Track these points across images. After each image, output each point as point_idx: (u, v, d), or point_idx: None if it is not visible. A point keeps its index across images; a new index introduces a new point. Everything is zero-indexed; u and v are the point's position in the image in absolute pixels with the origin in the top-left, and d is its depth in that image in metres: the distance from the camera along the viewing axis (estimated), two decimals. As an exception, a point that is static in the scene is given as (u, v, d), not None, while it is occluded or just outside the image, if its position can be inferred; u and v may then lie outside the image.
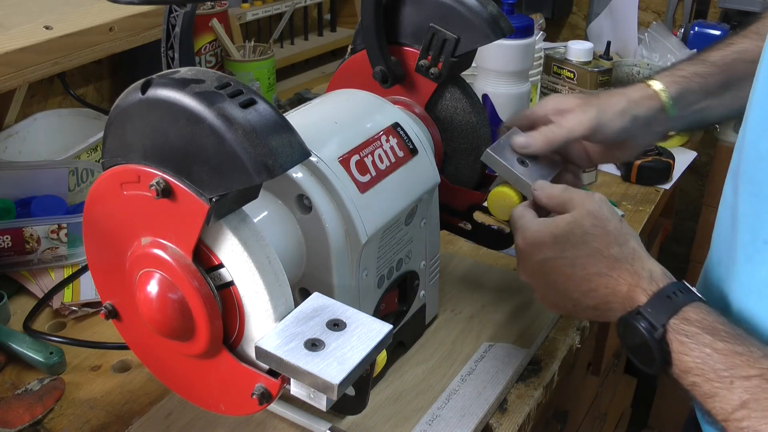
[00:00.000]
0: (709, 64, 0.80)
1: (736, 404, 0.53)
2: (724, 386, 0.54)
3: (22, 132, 1.12)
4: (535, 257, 0.67)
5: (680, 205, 1.99)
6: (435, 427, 0.72)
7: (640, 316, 0.59)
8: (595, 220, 0.65)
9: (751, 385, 0.53)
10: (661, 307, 0.59)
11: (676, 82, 0.80)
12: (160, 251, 0.55)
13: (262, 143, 0.49)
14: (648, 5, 1.89)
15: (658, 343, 0.58)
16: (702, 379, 0.56)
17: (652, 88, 0.79)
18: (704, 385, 0.56)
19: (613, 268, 0.63)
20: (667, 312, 0.59)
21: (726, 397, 0.54)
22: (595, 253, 0.64)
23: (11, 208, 0.98)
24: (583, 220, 0.66)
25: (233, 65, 1.36)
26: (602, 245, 0.64)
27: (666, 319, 0.58)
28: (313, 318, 0.55)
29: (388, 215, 0.69)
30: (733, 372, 0.54)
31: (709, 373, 0.55)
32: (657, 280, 0.61)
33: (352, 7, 1.74)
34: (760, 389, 0.53)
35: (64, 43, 1.03)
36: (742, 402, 0.53)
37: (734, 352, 0.55)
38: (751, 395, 0.53)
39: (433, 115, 0.83)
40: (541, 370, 0.81)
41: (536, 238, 0.67)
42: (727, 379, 0.54)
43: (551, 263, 0.66)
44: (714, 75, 0.80)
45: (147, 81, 0.52)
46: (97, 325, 0.87)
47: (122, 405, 0.76)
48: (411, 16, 0.80)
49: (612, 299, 0.63)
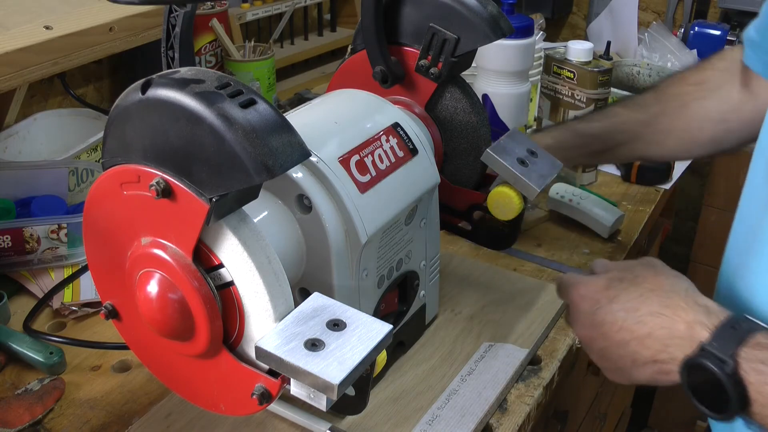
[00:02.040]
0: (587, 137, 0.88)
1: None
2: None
3: (22, 132, 1.12)
4: (589, 307, 0.65)
5: (680, 205, 1.99)
6: (435, 427, 0.72)
7: (705, 352, 0.54)
8: (647, 265, 0.65)
9: None
10: (728, 339, 0.54)
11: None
12: (160, 251, 0.55)
13: (262, 143, 0.49)
14: (648, 5, 1.89)
15: (731, 378, 0.52)
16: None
17: None
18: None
19: (667, 306, 0.59)
20: (734, 342, 0.54)
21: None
22: (646, 293, 0.61)
23: (11, 208, 0.98)
24: (634, 266, 0.65)
25: (233, 65, 1.36)
26: (654, 285, 0.62)
27: (735, 349, 0.53)
28: (313, 318, 0.55)
29: (388, 215, 0.69)
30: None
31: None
32: (716, 313, 0.57)
33: (352, 7, 1.74)
34: None
35: (64, 43, 1.03)
36: None
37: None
38: None
39: (433, 115, 0.83)
40: (541, 370, 0.81)
41: (590, 287, 0.66)
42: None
43: (604, 310, 0.63)
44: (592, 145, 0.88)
45: (147, 81, 0.52)
46: (97, 325, 0.87)
47: (122, 405, 0.76)
48: (411, 16, 0.80)
49: (670, 342, 0.58)
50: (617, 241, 1.07)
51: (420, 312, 0.82)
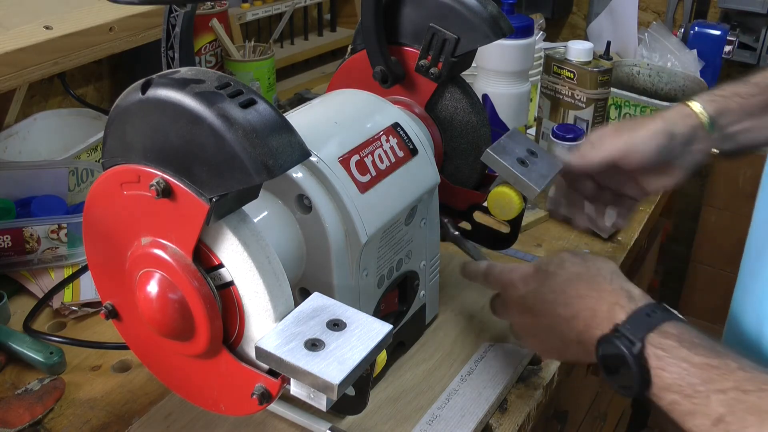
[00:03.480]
0: (750, 85, 0.80)
1: (713, 419, 0.52)
2: (701, 402, 0.53)
3: (22, 132, 1.12)
4: (518, 292, 0.69)
5: (680, 205, 1.99)
6: (435, 427, 0.72)
7: (618, 333, 0.58)
8: (572, 253, 0.68)
9: (727, 399, 0.52)
10: (640, 324, 0.58)
11: (714, 100, 0.79)
12: (160, 251, 0.55)
13: (262, 143, 0.49)
14: (648, 5, 1.89)
15: (637, 360, 0.56)
16: (680, 396, 0.54)
17: (690, 108, 0.79)
18: (683, 403, 0.54)
19: (592, 288, 0.63)
20: (645, 327, 0.57)
21: (703, 413, 0.52)
22: (573, 277, 0.65)
23: (11, 208, 0.98)
24: (561, 254, 0.68)
25: (233, 65, 1.36)
26: (581, 269, 0.65)
27: (644, 334, 0.57)
28: (313, 318, 0.55)
29: (388, 215, 0.69)
30: (709, 386, 0.53)
31: (687, 388, 0.54)
32: (636, 299, 0.60)
33: (352, 7, 1.74)
34: (736, 401, 0.51)
35: (64, 43, 1.03)
36: (719, 416, 0.51)
37: (710, 365, 0.53)
38: (728, 409, 0.51)
39: (433, 115, 0.83)
40: (541, 370, 0.81)
41: (519, 273, 0.69)
42: (704, 394, 0.53)
43: (534, 294, 0.67)
44: (755, 96, 0.79)
45: (147, 81, 0.52)
46: (97, 325, 0.87)
47: (122, 405, 0.76)
48: (411, 16, 0.80)
49: (592, 323, 0.61)
50: (617, 241, 1.07)
51: (420, 312, 0.82)
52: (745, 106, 0.79)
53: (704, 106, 0.79)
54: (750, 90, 0.79)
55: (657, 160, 0.78)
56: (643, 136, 0.77)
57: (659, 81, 1.43)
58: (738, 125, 0.80)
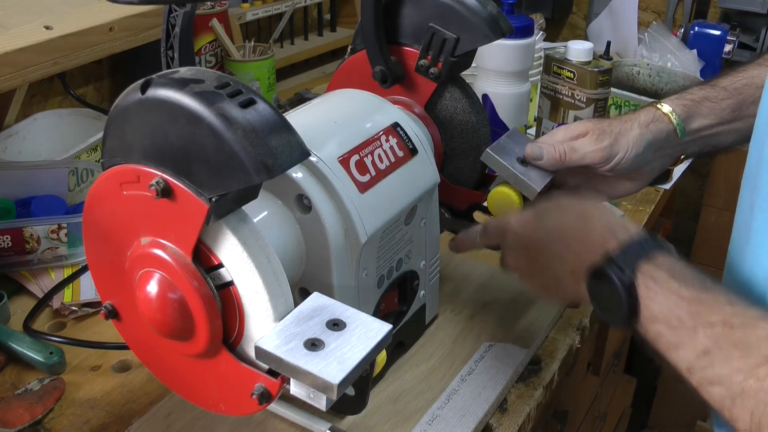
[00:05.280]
0: (719, 89, 0.80)
1: (698, 352, 0.51)
2: (687, 335, 0.52)
3: (22, 132, 1.12)
4: (516, 236, 0.69)
5: (680, 205, 1.99)
6: (435, 427, 0.72)
7: (610, 261, 0.57)
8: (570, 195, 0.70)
9: (714, 333, 0.51)
10: (633, 252, 0.57)
11: (685, 105, 0.79)
12: (159, 251, 0.55)
13: (262, 143, 0.49)
14: (648, 5, 1.89)
15: (627, 289, 0.56)
16: (666, 328, 0.54)
17: (661, 111, 0.79)
18: (668, 335, 0.53)
19: (587, 222, 0.63)
20: (637, 256, 0.57)
21: (689, 345, 0.52)
22: (569, 213, 0.66)
23: (11, 208, 0.98)
24: (560, 199, 0.69)
25: (233, 65, 1.36)
26: (577, 208, 0.66)
27: (635, 262, 0.56)
28: (312, 318, 0.55)
29: (388, 215, 0.69)
30: (696, 320, 0.52)
31: (674, 320, 0.53)
32: (630, 230, 0.60)
33: (352, 7, 1.75)
34: (723, 336, 0.51)
35: (64, 43, 1.03)
36: (704, 349, 0.51)
37: (698, 299, 0.53)
38: (713, 342, 0.51)
39: (433, 115, 0.83)
40: (541, 370, 0.81)
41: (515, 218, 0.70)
42: (691, 327, 0.52)
43: (530, 235, 0.68)
44: (724, 100, 0.79)
45: (147, 81, 0.52)
46: (97, 325, 0.87)
47: (122, 405, 0.76)
48: (410, 16, 0.80)
49: (585, 253, 0.61)
50: (617, 241, 1.06)
51: (420, 312, 0.82)
52: (715, 110, 0.79)
53: (675, 110, 0.79)
54: (719, 94, 0.80)
55: (631, 169, 0.78)
56: (623, 146, 0.77)
57: (659, 81, 1.43)
58: (708, 130, 0.80)
